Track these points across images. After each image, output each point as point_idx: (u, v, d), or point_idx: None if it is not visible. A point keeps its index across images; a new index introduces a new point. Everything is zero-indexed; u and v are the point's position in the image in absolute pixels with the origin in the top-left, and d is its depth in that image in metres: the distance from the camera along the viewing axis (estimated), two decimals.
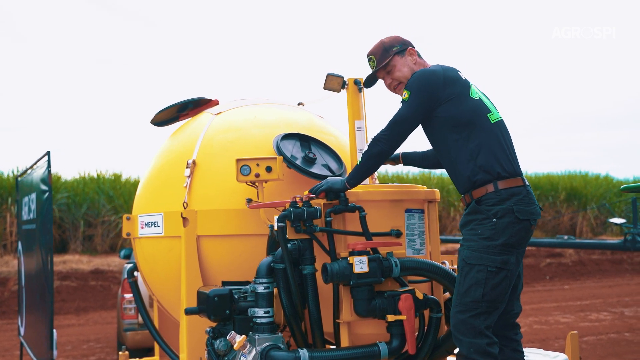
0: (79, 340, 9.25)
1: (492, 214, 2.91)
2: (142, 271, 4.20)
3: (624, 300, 11.78)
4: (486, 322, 2.90)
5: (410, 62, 3.27)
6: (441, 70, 3.08)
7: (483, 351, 2.86)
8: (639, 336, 8.55)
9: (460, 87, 3.05)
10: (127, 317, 6.16)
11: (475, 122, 3.00)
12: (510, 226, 2.89)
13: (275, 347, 2.92)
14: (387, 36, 3.36)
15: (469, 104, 3.02)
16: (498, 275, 2.89)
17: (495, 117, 3.09)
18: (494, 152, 2.98)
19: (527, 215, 2.93)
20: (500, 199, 2.92)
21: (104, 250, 16.23)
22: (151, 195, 4.05)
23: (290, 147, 3.74)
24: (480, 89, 3.23)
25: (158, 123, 4.44)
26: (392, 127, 3.02)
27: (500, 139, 3.03)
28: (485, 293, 2.88)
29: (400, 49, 3.27)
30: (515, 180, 2.98)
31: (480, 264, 2.89)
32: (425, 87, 3.01)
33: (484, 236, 2.91)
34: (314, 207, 3.03)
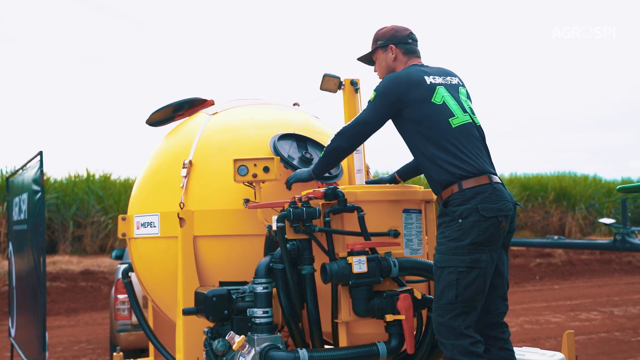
0: (69, 341, 9.20)
1: (457, 214, 2.92)
2: (138, 272, 4.19)
3: (613, 299, 11.87)
4: (465, 323, 2.89)
5: (389, 59, 3.36)
6: (406, 75, 3.15)
7: (467, 351, 2.86)
8: (629, 335, 8.62)
9: (422, 91, 3.10)
10: (120, 318, 6.13)
11: (434, 127, 3.05)
12: (476, 225, 2.89)
13: (274, 347, 2.92)
14: (394, 25, 3.44)
15: (430, 108, 3.07)
16: (470, 275, 2.89)
17: (459, 121, 3.08)
18: (454, 155, 3.00)
19: (493, 212, 2.91)
20: (464, 199, 2.93)
21: (93, 251, 16.15)
22: (147, 196, 4.05)
23: (287, 148, 3.74)
24: (461, 92, 3.24)
25: (153, 123, 4.43)
26: (354, 126, 3.16)
27: (462, 142, 3.03)
28: (458, 294, 2.88)
29: (383, 43, 3.36)
30: (480, 178, 2.97)
31: (450, 266, 2.90)
32: (389, 91, 3.11)
33: (452, 237, 2.92)
34: (313, 207, 3.04)
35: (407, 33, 3.38)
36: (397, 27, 3.41)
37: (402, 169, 3.61)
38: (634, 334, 8.70)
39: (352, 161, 3.88)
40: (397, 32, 3.37)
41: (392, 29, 3.39)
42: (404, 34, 3.37)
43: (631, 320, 9.72)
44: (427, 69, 3.26)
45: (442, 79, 3.20)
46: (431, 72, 3.23)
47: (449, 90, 3.18)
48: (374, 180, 3.70)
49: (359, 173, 3.87)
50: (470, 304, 2.90)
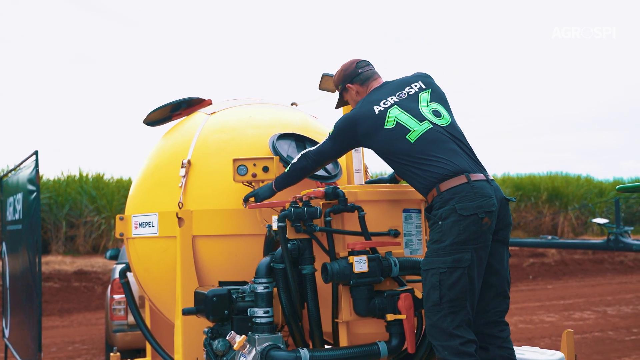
0: (63, 341, 9.16)
1: (437, 217, 2.93)
2: (136, 272, 4.17)
3: (606, 299, 11.93)
4: (454, 323, 2.87)
5: (353, 95, 3.46)
6: (354, 113, 3.26)
7: (457, 352, 2.84)
8: (623, 335, 8.67)
9: (372, 123, 3.15)
10: (116, 318, 6.11)
11: (395, 149, 3.08)
12: (455, 225, 2.88)
13: (275, 347, 2.92)
14: (341, 65, 3.54)
15: (384, 135, 3.11)
16: (453, 275, 2.87)
17: (417, 134, 3.06)
18: (424, 166, 3.01)
19: (471, 210, 2.89)
20: (443, 201, 2.93)
21: (86, 251, 16.09)
22: (145, 195, 4.03)
23: (286, 147, 3.74)
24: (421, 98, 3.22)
25: (151, 123, 4.41)
26: (316, 154, 3.34)
27: (428, 150, 3.03)
28: (442, 294, 2.87)
29: (342, 87, 3.50)
30: (457, 179, 2.96)
31: (433, 268, 2.90)
32: (341, 131, 3.25)
33: (434, 240, 2.93)
34: (314, 207, 3.04)
35: (353, 66, 3.45)
36: (345, 65, 3.50)
37: None
38: (627, 333, 8.76)
39: (351, 161, 3.88)
40: (346, 70, 3.47)
41: (342, 70, 3.49)
42: (351, 69, 3.45)
43: (624, 320, 9.77)
44: (381, 93, 3.27)
45: (396, 97, 3.20)
46: (384, 94, 3.23)
47: (404, 105, 3.16)
48: (373, 180, 3.70)
49: (358, 173, 3.88)
50: (457, 303, 2.88)
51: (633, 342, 8.22)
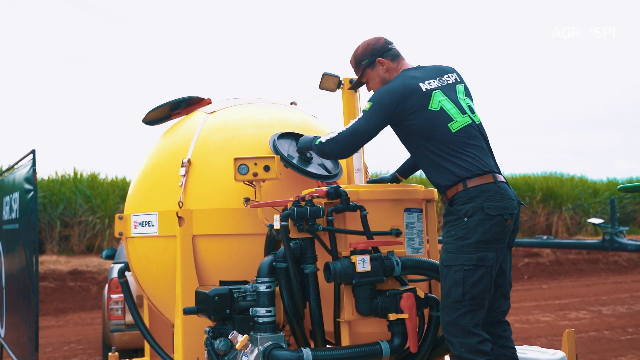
0: (59, 341, 9.12)
1: (462, 213, 2.94)
2: (135, 271, 4.16)
3: (601, 299, 11.97)
4: (473, 321, 2.91)
5: (381, 72, 3.30)
6: (400, 85, 3.11)
7: (475, 349, 2.88)
8: (618, 334, 8.70)
9: (418, 100, 3.08)
10: (113, 318, 6.08)
11: (434, 134, 3.05)
12: (481, 223, 2.91)
13: (277, 347, 2.91)
14: (364, 41, 3.37)
15: (427, 116, 3.06)
16: (476, 273, 2.90)
17: (459, 125, 3.08)
18: (457, 159, 3.01)
19: (498, 210, 2.93)
20: (469, 197, 2.95)
21: (80, 251, 16.02)
22: (145, 195, 4.01)
23: (287, 147, 3.73)
24: (458, 91, 3.21)
25: (150, 122, 4.40)
26: (348, 136, 3.13)
27: (464, 145, 3.04)
28: (465, 292, 2.90)
29: (369, 61, 3.31)
30: (484, 177, 2.99)
31: (457, 264, 2.92)
32: (385, 103, 3.08)
33: (457, 236, 2.94)
34: (316, 206, 3.03)
35: (382, 41, 3.34)
36: (371, 41, 3.35)
37: (402, 167, 3.61)
38: (623, 333, 8.79)
39: (351, 160, 3.88)
40: (375, 44, 3.33)
41: (369, 45, 3.34)
42: (381, 43, 3.32)
43: (620, 319, 9.81)
44: (421, 72, 3.21)
45: (437, 82, 3.17)
46: (425, 76, 3.19)
47: (446, 92, 3.16)
48: (375, 179, 3.70)
49: (358, 172, 3.87)
50: (477, 302, 2.92)
51: (629, 342, 8.25)
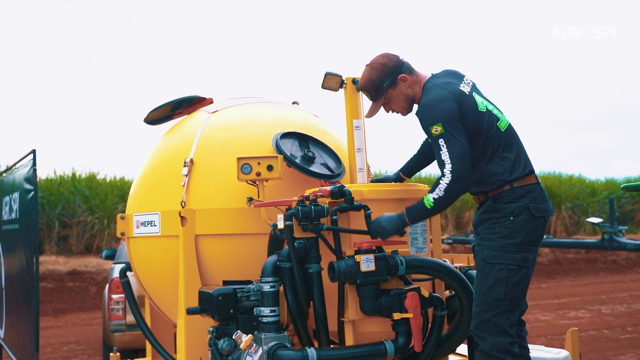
0: (58, 342, 9.11)
1: (509, 212, 2.95)
2: (137, 271, 4.15)
3: (600, 298, 11.99)
4: (509, 321, 2.95)
5: (404, 88, 3.16)
6: (447, 92, 2.99)
7: (505, 349, 2.91)
8: (618, 333, 8.71)
9: (468, 103, 3.02)
10: (114, 318, 6.07)
11: (487, 135, 3.02)
12: (527, 224, 2.94)
13: (282, 346, 2.91)
14: (373, 63, 3.19)
15: (479, 118, 3.01)
16: (519, 273, 2.94)
17: (504, 124, 3.10)
18: (507, 159, 3.02)
19: (542, 212, 2.98)
20: (515, 197, 2.97)
21: (79, 251, 15.99)
22: (147, 194, 4.01)
23: (289, 146, 3.73)
24: (482, 92, 3.22)
25: (151, 121, 4.39)
26: (463, 161, 2.85)
27: (511, 144, 3.06)
28: (507, 291, 2.93)
29: (391, 81, 3.15)
30: (529, 178, 3.03)
31: (501, 263, 2.93)
32: (451, 114, 2.92)
33: (503, 234, 2.95)
34: (321, 206, 3.03)
35: (394, 57, 3.19)
36: (383, 60, 3.17)
37: (405, 167, 3.61)
38: (622, 332, 8.80)
39: (354, 160, 3.86)
40: (390, 63, 3.16)
41: (384, 65, 3.15)
42: (395, 60, 3.18)
43: (619, 318, 9.82)
44: (449, 77, 3.13)
45: (468, 86, 3.12)
46: (456, 79, 3.12)
47: (479, 93, 3.15)
48: (379, 178, 3.70)
49: (361, 172, 3.86)
50: (515, 302, 2.96)
51: (628, 341, 8.26)
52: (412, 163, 3.60)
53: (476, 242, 3.10)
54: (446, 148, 2.86)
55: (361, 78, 3.23)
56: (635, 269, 16.63)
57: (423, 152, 3.60)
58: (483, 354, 2.96)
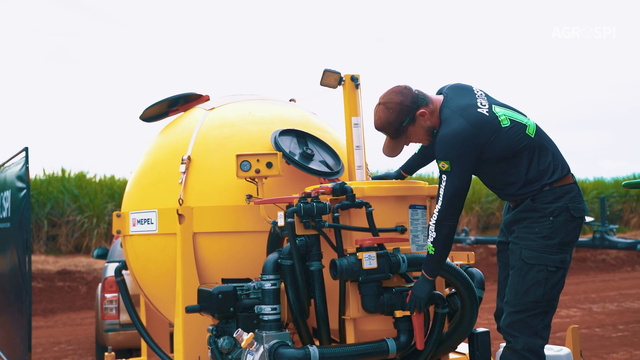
0: (48, 342, 9.02)
1: (549, 212, 2.93)
2: (133, 270, 4.11)
3: (591, 296, 12.04)
4: (544, 322, 2.95)
5: (424, 122, 3.03)
6: (467, 124, 2.88)
7: (536, 351, 2.93)
8: (609, 331, 8.75)
9: (490, 126, 2.91)
10: (108, 318, 6.01)
11: (519, 149, 2.97)
12: (566, 224, 2.93)
13: (283, 344, 2.88)
14: (388, 103, 3.03)
15: (507, 136, 2.93)
16: (556, 275, 2.94)
17: (532, 128, 3.03)
18: (541, 165, 2.99)
19: (580, 212, 2.98)
20: (555, 197, 2.95)
21: (68, 251, 15.87)
22: (143, 192, 3.97)
23: (288, 143, 3.71)
24: (497, 99, 3.13)
25: (147, 118, 4.35)
26: (451, 202, 2.87)
27: (545, 147, 3.02)
28: (545, 292, 2.92)
29: (410, 118, 3.01)
30: (567, 178, 3.01)
31: (540, 264, 2.92)
32: (462, 153, 2.86)
33: (542, 235, 2.93)
34: (323, 203, 3.00)
35: (409, 91, 3.04)
36: (402, 99, 3.01)
37: (406, 164, 3.59)
38: (613, 330, 8.83)
39: (352, 157, 3.85)
40: (406, 99, 3.00)
41: (401, 103, 3.00)
42: (411, 95, 3.02)
43: (610, 317, 9.87)
44: (462, 100, 3.01)
45: (484, 100, 3.02)
46: (469, 99, 3.01)
47: (499, 104, 3.06)
48: (379, 175, 3.68)
49: (360, 169, 3.85)
50: (551, 304, 2.96)
51: (619, 339, 8.29)
52: (412, 161, 3.58)
53: (510, 240, 3.08)
54: (444, 185, 2.89)
55: (376, 118, 3.07)
56: (625, 267, 16.73)
57: (422, 152, 3.56)
58: (513, 351, 2.96)
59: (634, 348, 7.70)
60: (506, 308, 3.04)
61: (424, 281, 2.95)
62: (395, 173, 3.58)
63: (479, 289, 3.30)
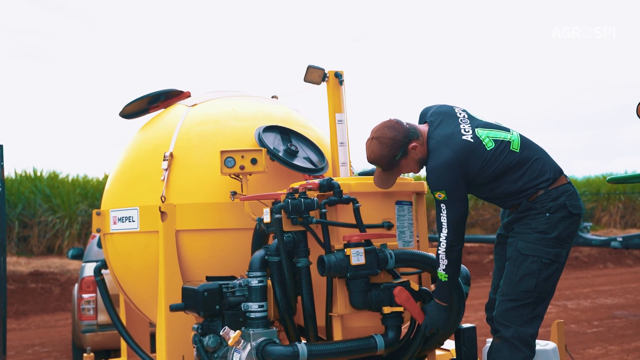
0: (22, 345, 8.85)
1: (545, 209, 2.99)
2: (114, 268, 4.03)
3: (565, 293, 12.19)
4: (534, 312, 3.00)
5: (415, 155, 3.08)
6: (452, 153, 2.96)
7: (525, 340, 2.99)
8: (585, 327, 8.87)
9: (476, 152, 2.98)
10: (85, 318, 5.90)
11: (505, 169, 3.03)
12: (562, 220, 2.99)
13: (271, 342, 2.85)
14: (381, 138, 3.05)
15: (493, 158, 3.00)
16: (550, 268, 2.99)
17: (516, 143, 3.07)
18: (533, 174, 3.04)
19: (577, 209, 3.03)
20: (552, 198, 3.01)
21: (40, 252, 15.58)
22: (124, 189, 3.90)
23: (272, 140, 3.68)
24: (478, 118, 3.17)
25: (127, 115, 4.28)
26: (457, 228, 2.96)
27: (532, 156, 3.07)
28: (537, 284, 2.98)
29: (402, 153, 3.05)
30: (560, 179, 3.08)
31: (535, 255, 2.98)
32: (455, 181, 2.95)
33: (538, 230, 2.99)
34: (310, 199, 2.98)
35: (400, 126, 3.06)
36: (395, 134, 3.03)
37: None
38: (588, 326, 8.96)
39: (336, 154, 3.83)
40: (399, 134, 3.03)
41: (393, 138, 3.02)
42: (403, 129, 3.05)
43: (584, 313, 10.00)
44: (445, 127, 3.06)
45: (465, 123, 3.07)
46: (451, 126, 3.06)
47: (481, 125, 3.10)
48: (366, 171, 3.67)
49: (344, 166, 3.84)
50: (543, 296, 3.02)
51: (595, 334, 8.41)
52: None
53: (510, 235, 3.14)
54: (446, 213, 2.96)
55: (369, 152, 3.09)
56: (597, 265, 16.98)
57: None
58: (502, 340, 3.02)
59: (608, 343, 7.82)
60: (499, 297, 3.09)
61: (439, 308, 3.02)
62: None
63: (465, 284, 3.31)
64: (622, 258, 17.26)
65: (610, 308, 10.34)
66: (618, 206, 22.54)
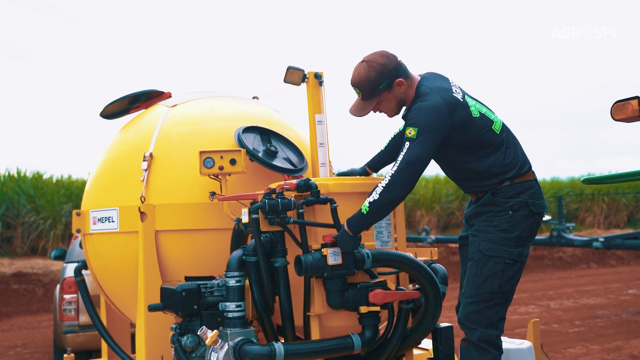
0: (4, 346, 8.80)
1: (508, 206, 3.01)
2: (94, 269, 4.03)
3: (548, 293, 12.29)
4: (499, 314, 3.02)
5: (398, 93, 3.08)
6: (442, 101, 2.92)
7: (492, 342, 3.00)
8: (567, 327, 8.94)
9: (463, 110, 2.99)
10: (66, 319, 5.88)
11: (485, 142, 3.05)
12: (524, 219, 3.00)
13: (248, 342, 2.86)
14: (371, 61, 3.05)
15: (475, 126, 3.02)
16: (513, 268, 3.01)
17: (498, 125, 3.12)
18: (505, 160, 3.06)
19: (539, 208, 3.05)
20: (516, 192, 3.02)
21: (24, 253, 15.47)
22: (104, 190, 3.89)
23: (252, 140, 3.69)
24: (470, 93, 3.20)
25: (108, 115, 4.28)
26: (405, 169, 2.81)
27: (509, 143, 3.11)
28: (501, 284, 2.99)
29: (387, 84, 3.04)
30: (528, 174, 3.10)
31: (498, 256, 2.99)
32: (433, 124, 2.87)
33: (501, 228, 3.00)
34: (287, 199, 2.99)
35: (394, 59, 3.06)
36: (382, 60, 3.04)
37: (372, 161, 3.60)
38: (570, 326, 9.04)
39: (316, 155, 3.84)
40: (390, 63, 3.03)
41: (383, 66, 3.02)
42: (395, 62, 3.05)
43: (567, 313, 10.09)
44: (438, 82, 3.07)
45: (458, 89, 3.10)
46: (445, 84, 3.08)
47: (471, 96, 3.15)
48: (344, 172, 3.68)
49: (323, 167, 3.85)
50: (507, 296, 3.02)
51: (577, 334, 8.49)
52: (378, 158, 3.60)
53: (470, 233, 3.15)
54: (405, 151, 2.87)
55: (355, 74, 3.07)
56: (580, 265, 17.12)
57: (389, 149, 3.56)
58: (469, 343, 3.03)
59: (590, 343, 7.90)
60: (463, 299, 3.11)
61: (348, 237, 2.86)
62: (360, 169, 3.60)
63: (442, 284, 3.33)
64: (605, 258, 17.42)
65: (593, 308, 10.44)
66: (602, 207, 22.74)
